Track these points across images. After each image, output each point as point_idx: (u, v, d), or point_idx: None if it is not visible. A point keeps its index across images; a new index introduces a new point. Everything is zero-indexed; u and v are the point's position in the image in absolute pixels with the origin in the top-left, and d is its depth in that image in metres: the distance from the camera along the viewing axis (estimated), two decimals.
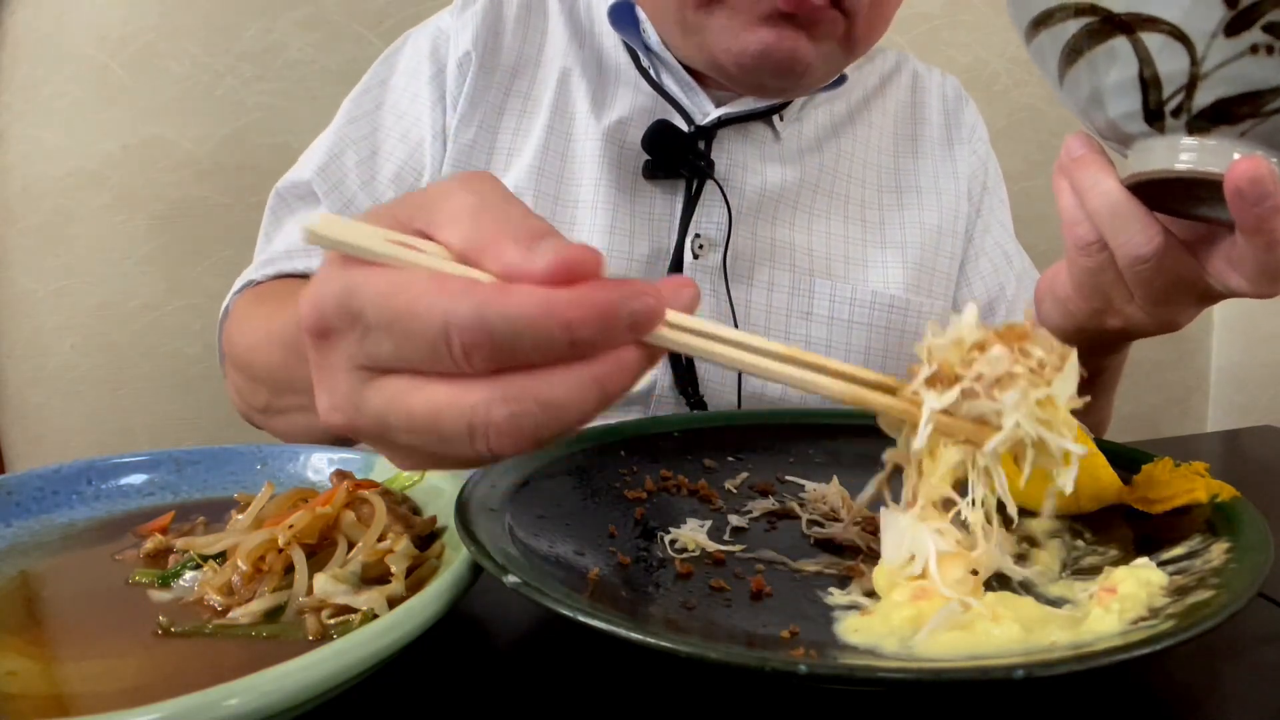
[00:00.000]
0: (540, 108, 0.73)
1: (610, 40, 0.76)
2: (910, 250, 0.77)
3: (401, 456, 0.31)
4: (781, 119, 0.76)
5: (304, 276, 0.69)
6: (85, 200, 1.12)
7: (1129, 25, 0.40)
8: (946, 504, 0.42)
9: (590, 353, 0.27)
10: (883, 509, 0.39)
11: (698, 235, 0.70)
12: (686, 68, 0.73)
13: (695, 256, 0.70)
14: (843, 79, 0.77)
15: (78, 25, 1.10)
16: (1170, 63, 0.40)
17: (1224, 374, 1.57)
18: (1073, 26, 0.42)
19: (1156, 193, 0.45)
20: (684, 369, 0.69)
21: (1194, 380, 1.57)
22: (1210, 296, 0.49)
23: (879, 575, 0.37)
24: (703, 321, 0.31)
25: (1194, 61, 0.40)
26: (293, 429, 0.61)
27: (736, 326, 0.69)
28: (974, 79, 1.34)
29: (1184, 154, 0.42)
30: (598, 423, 0.63)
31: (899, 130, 0.82)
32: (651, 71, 0.73)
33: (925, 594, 0.35)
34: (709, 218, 0.71)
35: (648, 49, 0.73)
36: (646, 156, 0.70)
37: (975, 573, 0.36)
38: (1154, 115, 0.42)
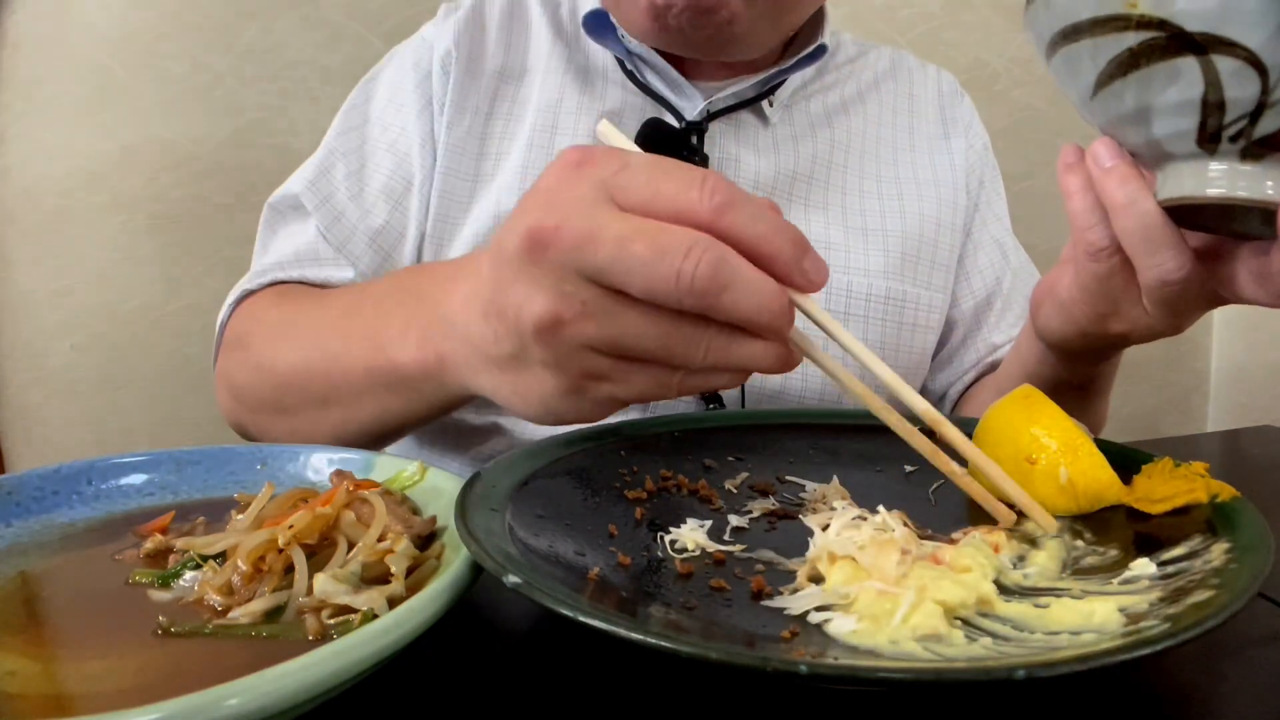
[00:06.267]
0: (527, 110, 0.74)
1: (594, 43, 0.76)
2: (908, 242, 0.76)
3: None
4: (771, 104, 0.76)
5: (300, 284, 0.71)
6: (85, 200, 1.12)
7: (1202, 46, 0.39)
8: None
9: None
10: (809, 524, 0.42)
11: None
12: (670, 61, 0.73)
13: None
14: (822, 49, 0.76)
15: (78, 25, 1.10)
16: (1240, 89, 0.39)
17: (1224, 374, 1.57)
18: (1130, 39, 0.40)
19: (1187, 212, 0.45)
20: None
21: (1194, 380, 1.57)
22: (1218, 302, 0.49)
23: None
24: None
25: (1264, 89, 0.39)
26: (301, 427, 0.60)
27: None
28: (974, 79, 1.34)
29: (1241, 180, 0.42)
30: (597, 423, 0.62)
31: (895, 121, 0.82)
32: (636, 73, 0.74)
33: (885, 596, 0.35)
34: None
35: (629, 53, 0.74)
36: None
37: (907, 552, 0.37)
38: (1210, 138, 0.41)
